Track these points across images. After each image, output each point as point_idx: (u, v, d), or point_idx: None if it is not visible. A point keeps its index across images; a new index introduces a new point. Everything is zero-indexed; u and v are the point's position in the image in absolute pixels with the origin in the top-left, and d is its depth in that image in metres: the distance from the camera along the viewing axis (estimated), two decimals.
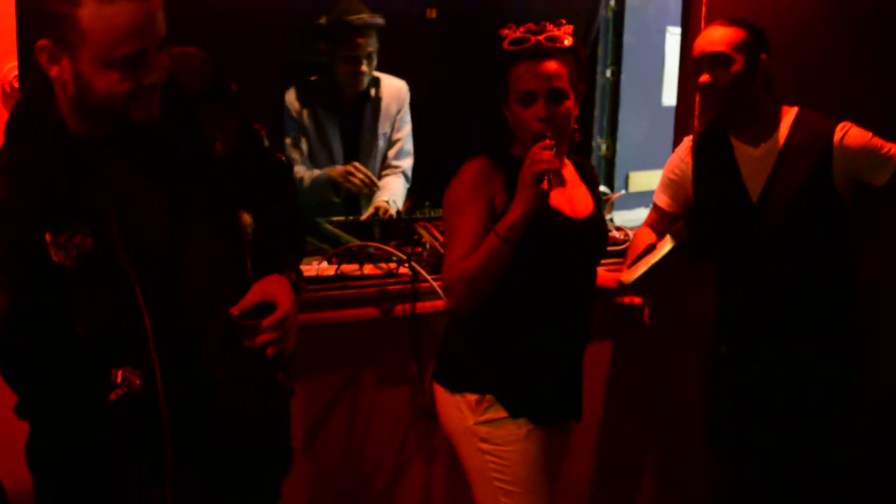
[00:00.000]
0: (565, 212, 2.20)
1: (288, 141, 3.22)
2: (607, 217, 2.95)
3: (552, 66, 2.09)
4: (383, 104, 3.34)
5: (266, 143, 1.93)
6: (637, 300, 2.44)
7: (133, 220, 1.67)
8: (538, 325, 2.23)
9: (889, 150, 2.51)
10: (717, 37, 2.49)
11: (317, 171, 3.26)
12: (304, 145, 3.29)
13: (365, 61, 3.21)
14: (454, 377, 2.29)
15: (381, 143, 3.36)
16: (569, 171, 2.28)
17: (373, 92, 3.32)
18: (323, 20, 3.23)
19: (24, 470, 1.78)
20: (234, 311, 1.68)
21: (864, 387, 2.73)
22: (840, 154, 2.49)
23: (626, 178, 3.77)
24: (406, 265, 2.58)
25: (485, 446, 2.23)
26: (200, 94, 1.75)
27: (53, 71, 1.54)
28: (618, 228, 2.99)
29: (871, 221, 2.68)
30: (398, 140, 3.40)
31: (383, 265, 2.62)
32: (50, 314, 1.64)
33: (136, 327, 1.68)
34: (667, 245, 2.47)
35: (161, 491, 1.78)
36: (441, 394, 2.30)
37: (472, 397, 2.22)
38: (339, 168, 3.17)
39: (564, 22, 2.16)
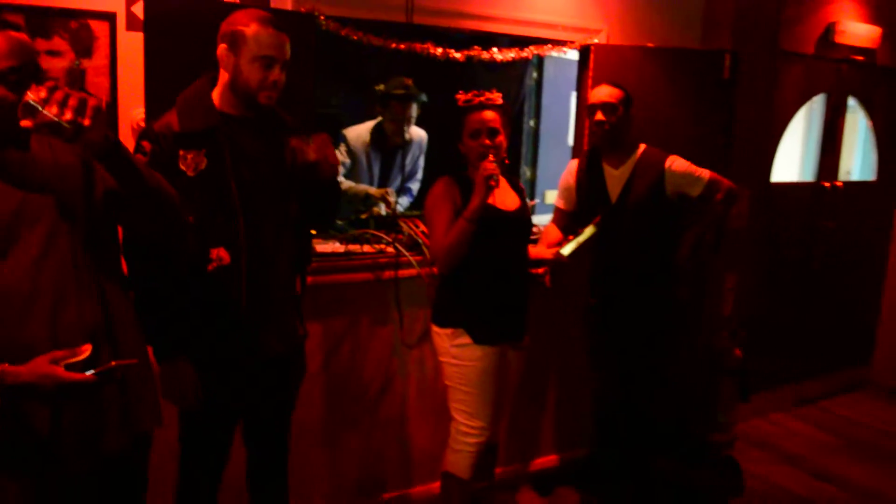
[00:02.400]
0: (500, 207, 2.51)
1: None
2: None
3: (489, 114, 2.45)
4: (411, 148, 3.60)
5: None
6: (540, 271, 2.69)
7: (240, 157, 1.94)
8: (490, 281, 2.50)
9: (700, 174, 2.82)
10: (606, 92, 2.81)
11: (356, 185, 3.46)
12: (349, 166, 3.50)
13: (405, 123, 3.47)
14: (440, 317, 2.57)
15: (402, 174, 3.62)
16: (502, 182, 2.58)
17: (407, 137, 3.58)
18: (381, 87, 3.50)
19: None
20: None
21: (680, 325, 3.09)
22: (669, 175, 2.82)
23: (544, 194, 4.08)
24: (391, 246, 2.88)
25: (455, 361, 2.53)
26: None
27: (224, 64, 1.93)
28: (533, 225, 3.18)
29: (689, 218, 2.91)
30: (415, 171, 3.68)
31: (377, 246, 2.90)
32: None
33: (231, 222, 1.92)
34: (589, 229, 2.71)
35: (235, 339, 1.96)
36: (433, 328, 2.59)
37: (450, 330, 2.53)
38: (379, 190, 3.35)
39: (495, 90, 2.52)
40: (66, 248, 1.57)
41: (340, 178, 3.29)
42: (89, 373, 1.45)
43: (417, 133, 3.64)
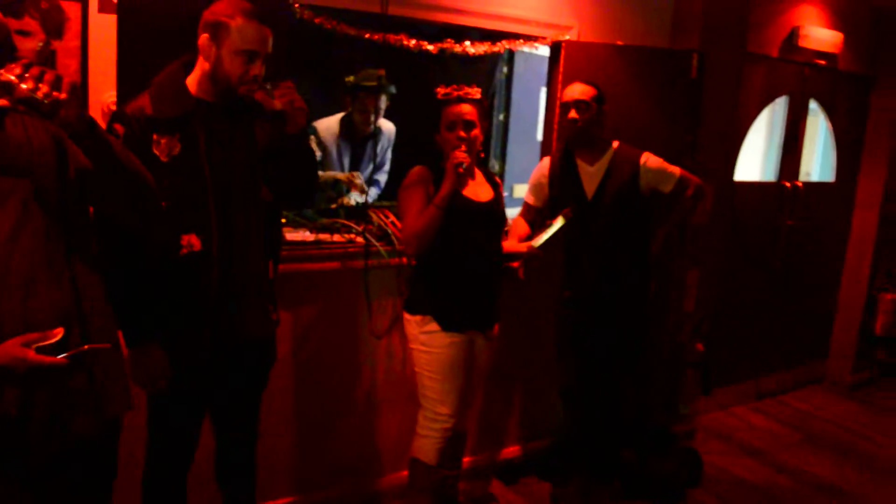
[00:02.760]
0: (472, 198, 2.57)
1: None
2: None
3: (466, 108, 2.52)
4: (381, 139, 3.63)
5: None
6: (514, 264, 2.72)
7: (214, 143, 1.96)
8: (460, 270, 2.56)
9: (672, 170, 2.89)
10: (580, 90, 2.85)
11: (324, 172, 3.47)
12: (320, 158, 3.52)
13: (373, 115, 3.50)
14: (411, 304, 2.63)
15: (373, 164, 3.65)
16: (478, 175, 2.65)
17: (375, 127, 3.61)
18: (351, 78, 3.51)
19: None
20: None
21: (649, 317, 3.14)
22: (644, 171, 2.88)
23: (512, 188, 4.13)
24: (361, 236, 2.92)
25: (423, 348, 2.59)
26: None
27: (205, 54, 1.94)
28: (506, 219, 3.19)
29: (661, 213, 2.99)
30: (382, 163, 3.70)
31: (346, 235, 2.92)
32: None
33: (203, 207, 1.94)
34: (559, 221, 2.72)
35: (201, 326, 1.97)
36: (405, 315, 2.64)
37: (419, 317, 2.58)
38: (346, 174, 3.40)
39: (475, 85, 2.58)
40: (38, 229, 1.56)
41: None
42: (61, 356, 1.45)
43: (386, 125, 3.67)
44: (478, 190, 2.63)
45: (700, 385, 3.98)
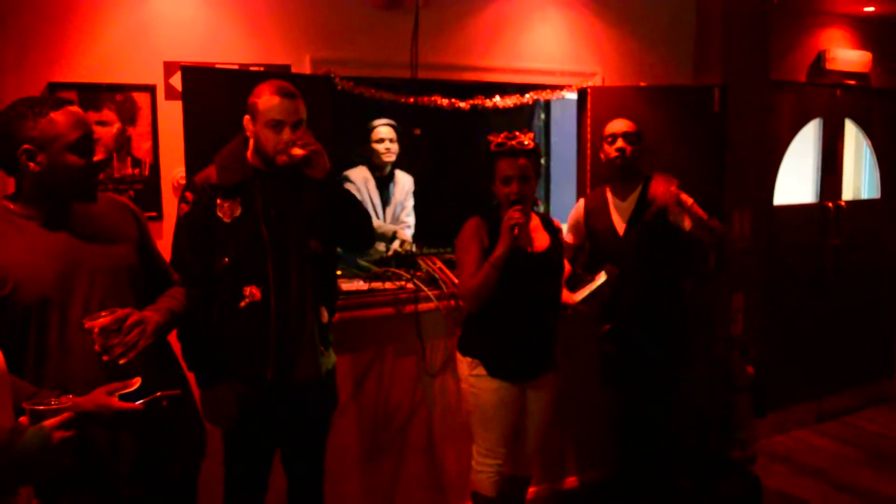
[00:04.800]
0: (528, 248, 2.56)
1: None
2: None
3: (522, 161, 2.47)
4: (397, 188, 3.85)
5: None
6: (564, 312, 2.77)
7: (269, 205, 2.14)
8: (511, 319, 2.55)
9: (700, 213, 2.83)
10: (625, 123, 2.95)
11: (381, 223, 3.70)
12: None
13: (384, 156, 3.74)
14: (463, 346, 2.66)
15: (397, 209, 3.86)
16: (535, 221, 2.63)
17: (394, 179, 3.84)
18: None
19: None
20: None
21: (692, 346, 3.15)
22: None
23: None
24: (411, 282, 3.05)
25: (472, 390, 2.61)
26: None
27: (249, 131, 2.15)
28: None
29: (693, 246, 3.02)
30: (406, 210, 3.90)
31: (397, 283, 3.06)
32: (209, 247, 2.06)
33: (262, 262, 2.11)
34: (601, 278, 2.74)
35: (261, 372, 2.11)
36: (457, 354, 2.67)
37: (469, 359, 2.61)
38: (391, 227, 3.65)
39: (527, 130, 2.54)
40: (124, 291, 1.80)
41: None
42: (139, 402, 1.61)
43: (404, 177, 3.89)
44: (535, 238, 2.61)
45: (754, 408, 3.95)
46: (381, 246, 3.57)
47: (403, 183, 3.90)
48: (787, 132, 4.24)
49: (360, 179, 3.79)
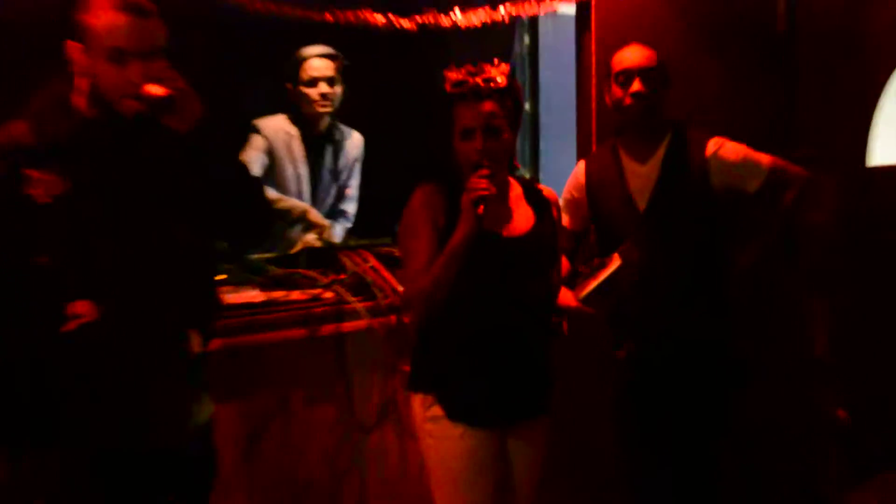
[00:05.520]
0: (501, 232, 2.56)
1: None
2: None
3: (489, 106, 2.47)
4: (344, 148, 3.88)
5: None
6: (553, 317, 2.77)
7: (109, 178, 2.06)
8: (479, 333, 2.55)
9: (759, 160, 2.95)
10: (640, 54, 2.92)
11: (284, 197, 3.75)
12: (267, 166, 3.81)
13: (328, 105, 3.79)
14: (411, 378, 2.66)
15: (337, 181, 3.90)
16: (514, 192, 2.66)
17: (336, 136, 3.87)
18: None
19: None
20: None
21: (749, 378, 3.13)
22: (715, 165, 2.93)
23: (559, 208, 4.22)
24: (330, 290, 3.03)
25: (430, 441, 2.59)
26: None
27: (76, 65, 2.08)
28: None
29: (746, 224, 3.05)
30: (345, 186, 3.92)
31: (309, 291, 3.03)
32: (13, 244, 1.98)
33: (98, 262, 2.02)
34: (614, 263, 2.76)
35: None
36: (411, 395, 2.67)
37: (422, 396, 2.60)
38: (301, 206, 3.68)
39: (499, 62, 2.53)
40: None
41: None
42: None
43: (351, 135, 3.94)
44: (512, 216, 2.66)
45: (849, 468, 3.98)
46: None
47: (348, 147, 3.92)
48: (889, 62, 4.26)
49: (279, 136, 3.80)
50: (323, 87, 3.82)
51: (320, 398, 3.12)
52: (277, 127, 3.83)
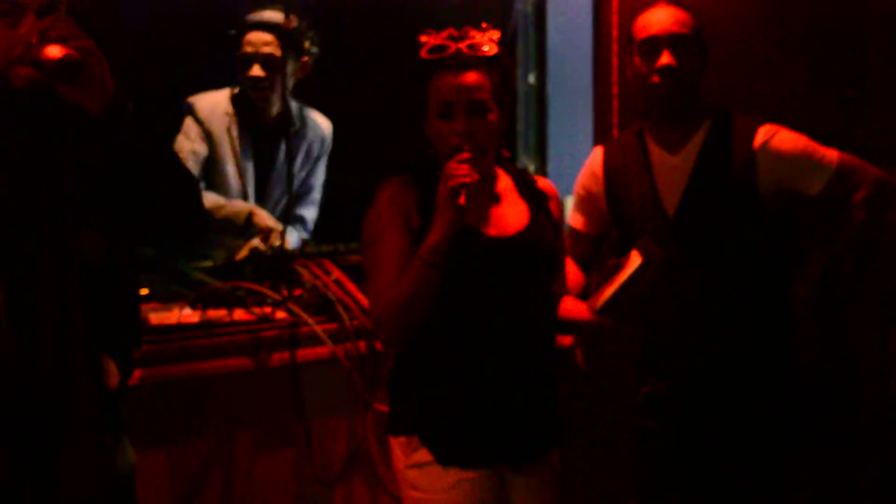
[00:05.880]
0: (488, 231, 2.57)
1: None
2: None
3: (472, 77, 2.49)
4: (305, 138, 3.88)
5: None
6: (566, 341, 2.78)
7: (2, 166, 2.01)
8: (469, 356, 2.55)
9: (824, 155, 2.89)
10: (671, 16, 2.89)
11: (225, 201, 3.73)
12: (204, 158, 3.79)
13: (275, 88, 3.75)
14: (389, 417, 2.65)
15: (288, 180, 3.82)
16: (503, 185, 2.68)
17: (295, 123, 3.85)
18: (234, 32, 3.78)
19: None
20: None
21: (815, 421, 3.08)
22: (766, 159, 2.88)
23: (562, 203, 4.21)
24: (283, 308, 3.02)
25: (414, 493, 2.57)
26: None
27: None
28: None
29: (805, 236, 3.04)
30: (310, 186, 3.93)
31: (256, 309, 3.03)
32: None
33: None
34: (634, 262, 2.72)
35: None
36: (390, 437, 2.64)
37: (403, 439, 2.58)
38: (246, 206, 3.66)
39: (487, 26, 2.53)
40: None
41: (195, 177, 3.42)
42: None
43: (317, 121, 3.93)
44: (502, 214, 2.67)
45: None
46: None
47: (310, 137, 3.91)
48: None
49: (218, 119, 3.78)
50: (256, 70, 3.77)
51: (272, 444, 3.12)
52: (216, 108, 3.80)
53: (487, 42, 2.52)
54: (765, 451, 3.01)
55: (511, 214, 2.66)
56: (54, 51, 1.96)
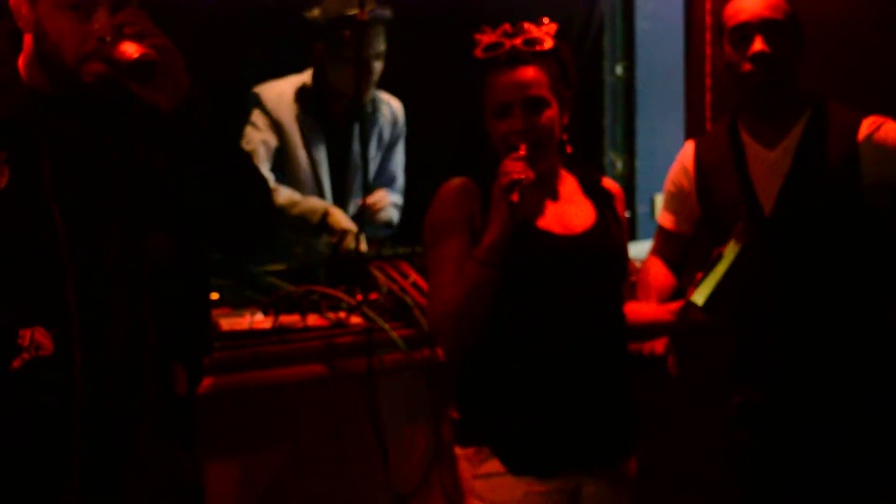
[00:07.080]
0: (553, 230, 2.59)
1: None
2: None
3: (529, 73, 2.52)
4: (378, 124, 3.88)
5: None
6: (658, 347, 2.81)
7: (69, 168, 2.05)
8: (540, 361, 2.55)
9: None
10: (765, 2, 2.86)
11: (300, 198, 3.74)
12: (274, 151, 3.82)
13: (367, 73, 3.73)
14: (457, 427, 2.67)
15: (365, 171, 3.78)
16: (567, 183, 2.70)
17: (367, 107, 3.82)
18: (316, 13, 3.77)
19: None
20: None
21: None
22: (871, 155, 2.87)
23: (651, 201, 4.14)
24: (358, 313, 3.02)
25: None
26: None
27: (21, 20, 2.06)
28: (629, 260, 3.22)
29: None
30: (392, 175, 3.96)
31: (331, 314, 3.05)
32: None
33: (54, 279, 2.00)
34: (732, 250, 2.68)
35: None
36: (456, 449, 2.66)
37: (471, 450, 2.59)
38: (325, 205, 3.67)
39: (547, 20, 2.56)
40: None
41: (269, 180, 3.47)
42: None
43: (389, 103, 3.91)
44: (567, 212, 2.68)
45: None
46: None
47: (388, 120, 3.90)
48: None
49: (286, 108, 3.78)
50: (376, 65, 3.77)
51: (344, 455, 3.11)
52: (283, 97, 3.80)
53: (544, 36, 2.54)
54: (875, 472, 2.97)
55: (577, 213, 2.68)
56: (130, 49, 1.96)
